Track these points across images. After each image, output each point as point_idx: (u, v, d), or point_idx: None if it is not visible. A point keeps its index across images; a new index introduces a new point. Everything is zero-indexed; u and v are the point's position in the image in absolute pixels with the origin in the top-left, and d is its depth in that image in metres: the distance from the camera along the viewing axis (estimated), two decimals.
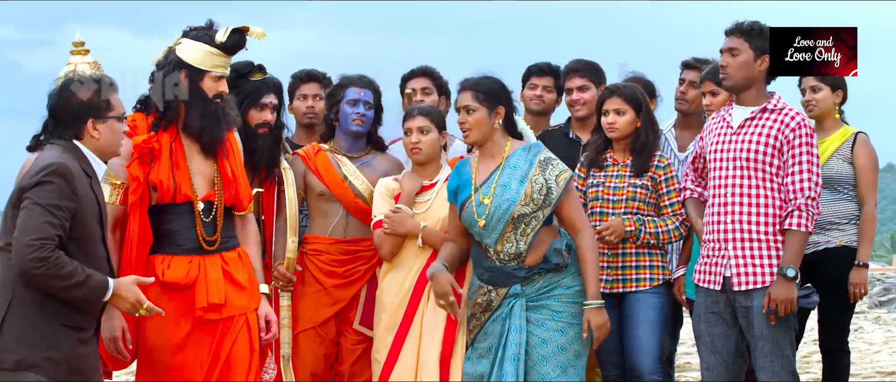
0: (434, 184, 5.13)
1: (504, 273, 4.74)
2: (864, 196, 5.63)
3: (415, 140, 5.07)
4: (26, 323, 3.89)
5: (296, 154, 5.42)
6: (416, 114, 5.09)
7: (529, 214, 4.71)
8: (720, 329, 4.92)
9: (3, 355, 3.88)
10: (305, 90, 5.90)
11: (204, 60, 4.63)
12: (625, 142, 5.28)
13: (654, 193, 5.23)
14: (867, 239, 5.59)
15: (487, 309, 4.78)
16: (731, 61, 4.88)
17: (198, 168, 4.68)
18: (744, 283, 4.81)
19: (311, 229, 5.39)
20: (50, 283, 3.86)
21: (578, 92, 5.79)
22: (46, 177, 3.87)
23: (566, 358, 4.71)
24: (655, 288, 5.21)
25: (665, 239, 5.20)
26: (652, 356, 5.16)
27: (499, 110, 4.78)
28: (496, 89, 4.80)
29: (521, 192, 4.69)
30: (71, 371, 3.95)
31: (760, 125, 4.85)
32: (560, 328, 4.72)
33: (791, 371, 4.85)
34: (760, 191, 4.82)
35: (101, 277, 3.95)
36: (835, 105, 5.76)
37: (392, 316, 5.03)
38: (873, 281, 12.37)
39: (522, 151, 4.79)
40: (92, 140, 4.05)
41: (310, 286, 5.32)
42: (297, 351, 5.28)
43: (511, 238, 4.72)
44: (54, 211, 3.85)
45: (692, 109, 5.73)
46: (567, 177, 4.74)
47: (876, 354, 9.26)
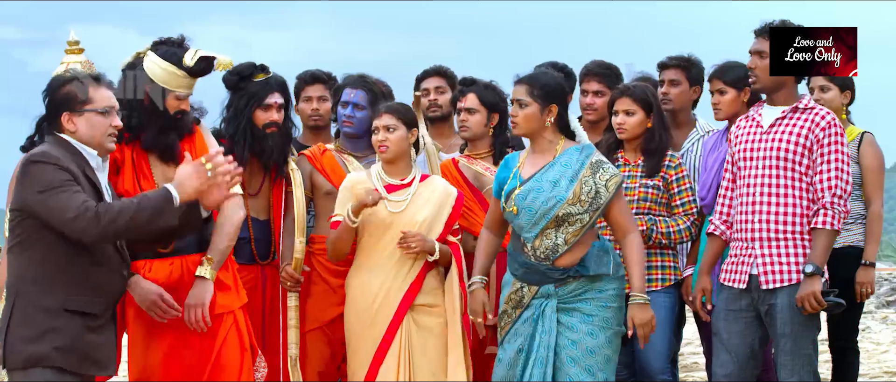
0: (408, 183, 5.10)
1: (538, 271, 4.70)
2: (871, 195, 5.63)
3: (381, 138, 5.05)
4: (28, 319, 3.89)
5: (302, 154, 5.43)
6: (383, 113, 5.08)
7: (575, 215, 4.65)
8: (739, 327, 4.89)
9: (13, 356, 3.89)
10: (310, 92, 5.88)
11: (169, 80, 4.61)
12: (636, 143, 5.28)
13: (666, 193, 5.23)
14: (874, 238, 5.60)
15: (518, 306, 4.74)
16: (759, 63, 4.87)
17: (163, 174, 4.65)
18: (770, 282, 4.79)
19: (317, 229, 5.39)
20: (119, 224, 3.83)
21: (594, 96, 5.75)
22: (28, 168, 3.89)
23: (595, 362, 4.66)
24: (667, 288, 5.21)
25: (676, 239, 5.20)
26: (662, 356, 5.17)
27: (552, 108, 4.74)
28: (552, 86, 4.75)
29: (571, 191, 4.65)
30: (82, 360, 3.93)
31: (791, 124, 4.84)
32: (590, 331, 4.67)
33: (812, 370, 4.83)
34: (789, 191, 4.80)
35: (156, 192, 3.93)
36: (843, 105, 5.76)
37: (369, 324, 4.99)
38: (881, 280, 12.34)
39: (575, 151, 4.75)
40: (71, 134, 4.03)
41: (316, 286, 5.32)
42: (304, 351, 5.28)
43: (551, 234, 4.67)
44: (65, 184, 3.85)
45: (678, 107, 5.72)
46: (617, 181, 4.70)
47: (883, 354, 9.25)
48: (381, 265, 5.03)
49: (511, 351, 4.71)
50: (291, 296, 5.27)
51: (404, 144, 5.08)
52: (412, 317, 5.01)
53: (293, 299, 5.27)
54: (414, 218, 5.03)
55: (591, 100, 5.76)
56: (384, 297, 5.00)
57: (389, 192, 5.05)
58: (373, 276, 5.02)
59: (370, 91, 5.42)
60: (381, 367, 4.95)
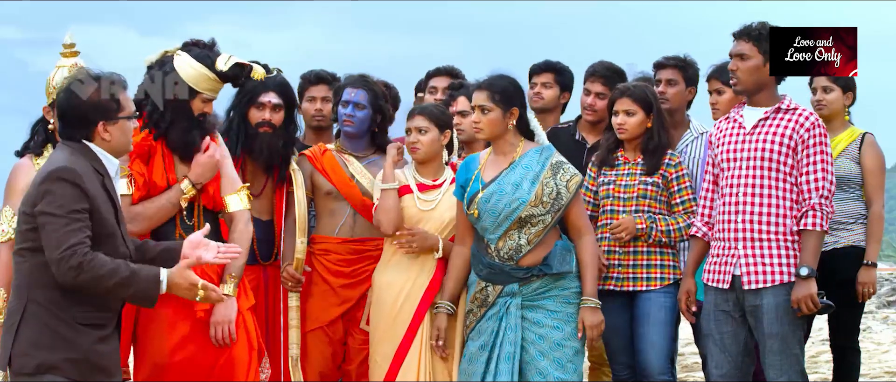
0: (439, 184, 5.15)
1: (502, 271, 4.77)
2: (872, 196, 5.64)
3: (413, 139, 5.11)
4: (43, 326, 3.85)
5: (302, 154, 5.43)
6: (416, 114, 5.13)
7: (537, 216, 4.73)
8: (729, 327, 4.91)
9: (22, 360, 3.85)
10: (314, 92, 5.88)
11: (199, 82, 4.64)
12: (636, 142, 5.29)
13: (666, 191, 5.24)
14: (875, 238, 5.61)
15: (483, 305, 4.81)
16: (740, 65, 4.88)
17: (180, 170, 4.70)
18: (753, 282, 4.81)
19: (318, 229, 5.40)
20: (98, 287, 3.80)
21: (596, 98, 5.76)
22: (51, 185, 3.81)
23: (563, 355, 4.74)
24: (666, 287, 5.22)
25: (676, 238, 5.21)
26: (662, 355, 5.18)
27: (513, 111, 4.81)
28: (511, 90, 4.83)
29: (533, 193, 4.72)
30: (93, 370, 3.91)
31: (775, 125, 4.85)
32: (556, 325, 4.76)
33: (800, 370, 4.85)
34: (774, 191, 4.82)
35: (151, 270, 3.88)
36: (844, 106, 5.78)
37: (392, 321, 5.03)
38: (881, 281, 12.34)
39: (535, 153, 4.82)
40: (104, 142, 3.97)
41: (317, 286, 5.33)
42: (305, 351, 5.29)
43: (513, 235, 4.75)
44: (72, 216, 3.80)
45: (674, 106, 5.73)
46: (578, 182, 4.79)
47: (884, 354, 9.25)
48: (406, 262, 5.08)
49: (473, 348, 4.79)
50: (292, 296, 5.28)
51: (436, 146, 5.13)
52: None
53: (294, 299, 5.28)
54: (442, 216, 5.09)
55: (592, 102, 5.77)
56: (407, 295, 5.04)
57: (421, 192, 5.12)
58: (398, 274, 5.07)
59: (371, 91, 5.42)
60: (403, 365, 4.98)
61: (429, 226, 5.07)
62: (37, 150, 4.73)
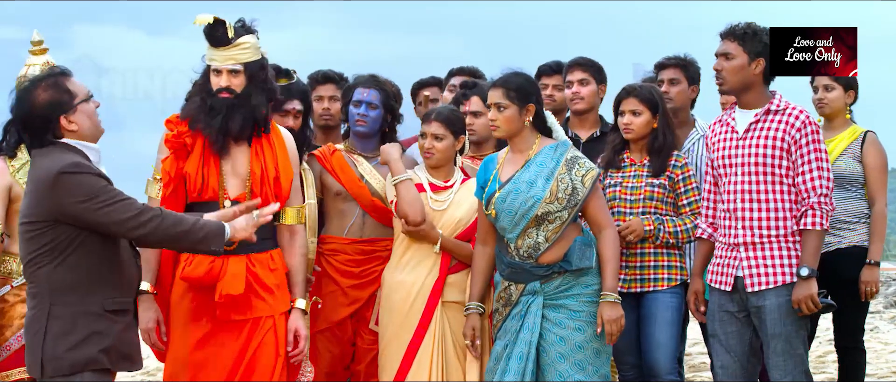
0: (450, 185, 5.19)
1: (523, 269, 4.77)
2: (874, 194, 5.65)
3: (428, 145, 5.14)
4: (73, 321, 3.86)
5: (312, 155, 5.44)
6: (433, 120, 5.15)
7: (554, 213, 4.72)
8: (734, 327, 4.93)
9: (54, 363, 3.86)
10: (321, 91, 5.90)
11: (207, 54, 4.70)
12: (642, 143, 5.31)
13: (672, 193, 5.26)
14: (878, 237, 5.60)
15: (508, 304, 4.81)
16: (725, 65, 4.89)
17: (233, 168, 4.71)
18: (756, 284, 4.83)
19: (327, 229, 5.41)
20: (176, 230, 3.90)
21: (578, 85, 5.82)
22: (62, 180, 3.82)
23: (584, 356, 4.72)
24: (673, 288, 5.23)
25: (684, 239, 5.23)
26: (669, 356, 5.19)
27: (529, 108, 4.80)
28: (527, 87, 4.82)
29: (547, 190, 4.72)
30: (121, 358, 3.95)
31: (766, 128, 4.85)
32: (578, 326, 4.73)
33: (804, 370, 4.86)
34: (771, 195, 4.82)
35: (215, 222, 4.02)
36: (846, 105, 5.79)
37: (402, 321, 5.06)
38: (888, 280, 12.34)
39: (550, 149, 4.81)
40: (73, 133, 3.97)
41: (326, 286, 5.35)
42: (313, 351, 5.31)
43: (533, 233, 4.75)
44: (109, 190, 3.86)
45: (678, 106, 5.76)
46: (593, 176, 4.77)
47: (891, 354, 9.25)
48: (416, 262, 5.11)
49: (498, 348, 4.80)
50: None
51: (450, 152, 5.17)
52: (445, 315, 5.07)
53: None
54: (453, 216, 5.13)
55: (576, 89, 5.82)
56: (417, 295, 5.07)
57: (433, 192, 5.15)
58: (408, 274, 5.10)
59: (383, 91, 5.46)
60: (413, 364, 5.01)
61: (440, 227, 5.10)
62: (10, 152, 4.61)
